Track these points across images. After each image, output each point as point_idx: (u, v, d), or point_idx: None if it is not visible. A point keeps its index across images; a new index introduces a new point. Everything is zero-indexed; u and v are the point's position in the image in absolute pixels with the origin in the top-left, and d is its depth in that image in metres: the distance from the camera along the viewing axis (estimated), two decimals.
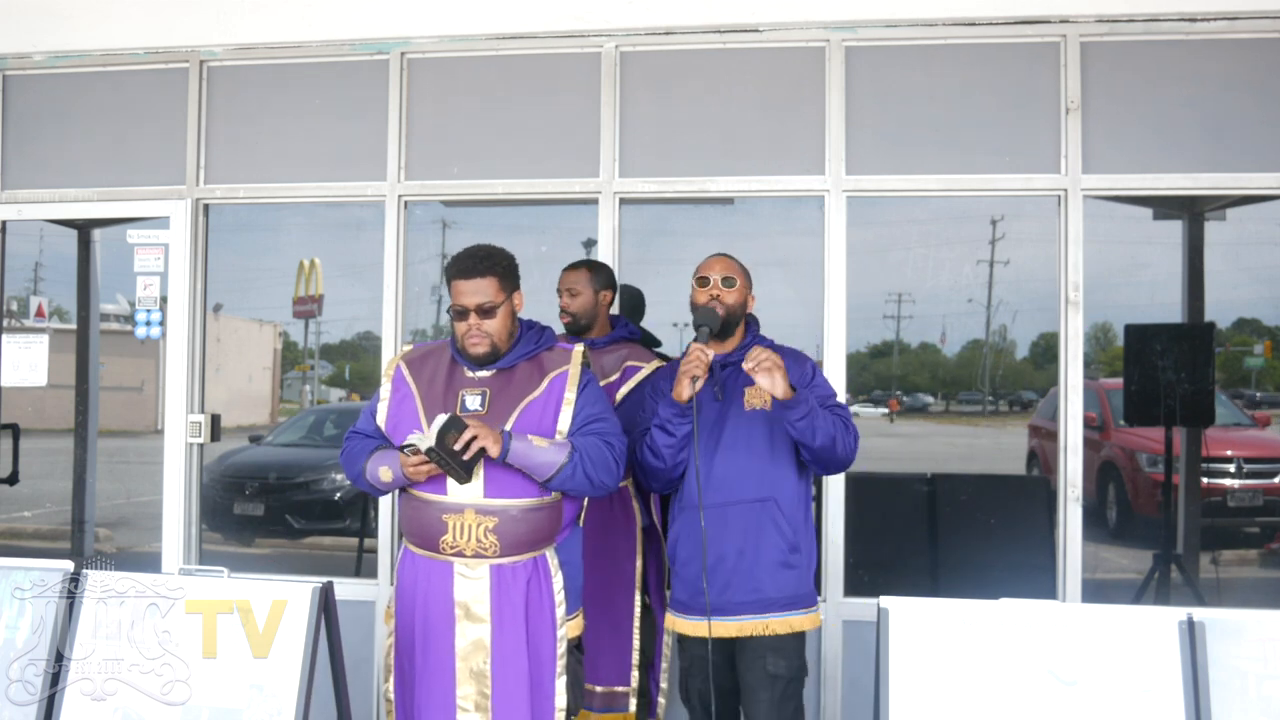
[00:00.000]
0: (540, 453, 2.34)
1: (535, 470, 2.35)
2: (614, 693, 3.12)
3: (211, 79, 3.93)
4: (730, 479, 2.60)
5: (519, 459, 2.32)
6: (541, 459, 2.34)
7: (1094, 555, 6.32)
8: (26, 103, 4.04)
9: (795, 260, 2.69)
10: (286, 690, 2.09)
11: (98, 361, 4.88)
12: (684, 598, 2.67)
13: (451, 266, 2.45)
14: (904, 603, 1.99)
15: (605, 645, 3.11)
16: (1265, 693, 1.87)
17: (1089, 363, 5.96)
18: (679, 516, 2.68)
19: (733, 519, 2.58)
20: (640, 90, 3.70)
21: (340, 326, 8.10)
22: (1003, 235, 5.82)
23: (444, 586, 2.39)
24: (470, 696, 2.37)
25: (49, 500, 6.56)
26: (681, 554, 2.67)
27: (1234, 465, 6.71)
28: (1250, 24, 3.46)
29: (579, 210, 3.90)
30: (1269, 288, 5.18)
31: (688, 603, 2.65)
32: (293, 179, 3.88)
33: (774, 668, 2.56)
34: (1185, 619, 1.90)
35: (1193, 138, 3.49)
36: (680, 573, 2.68)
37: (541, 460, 2.34)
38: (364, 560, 5.87)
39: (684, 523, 2.66)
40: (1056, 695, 1.89)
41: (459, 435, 2.25)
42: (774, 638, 2.57)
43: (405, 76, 3.80)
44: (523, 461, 2.33)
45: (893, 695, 1.93)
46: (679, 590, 2.69)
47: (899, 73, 3.60)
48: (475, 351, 2.43)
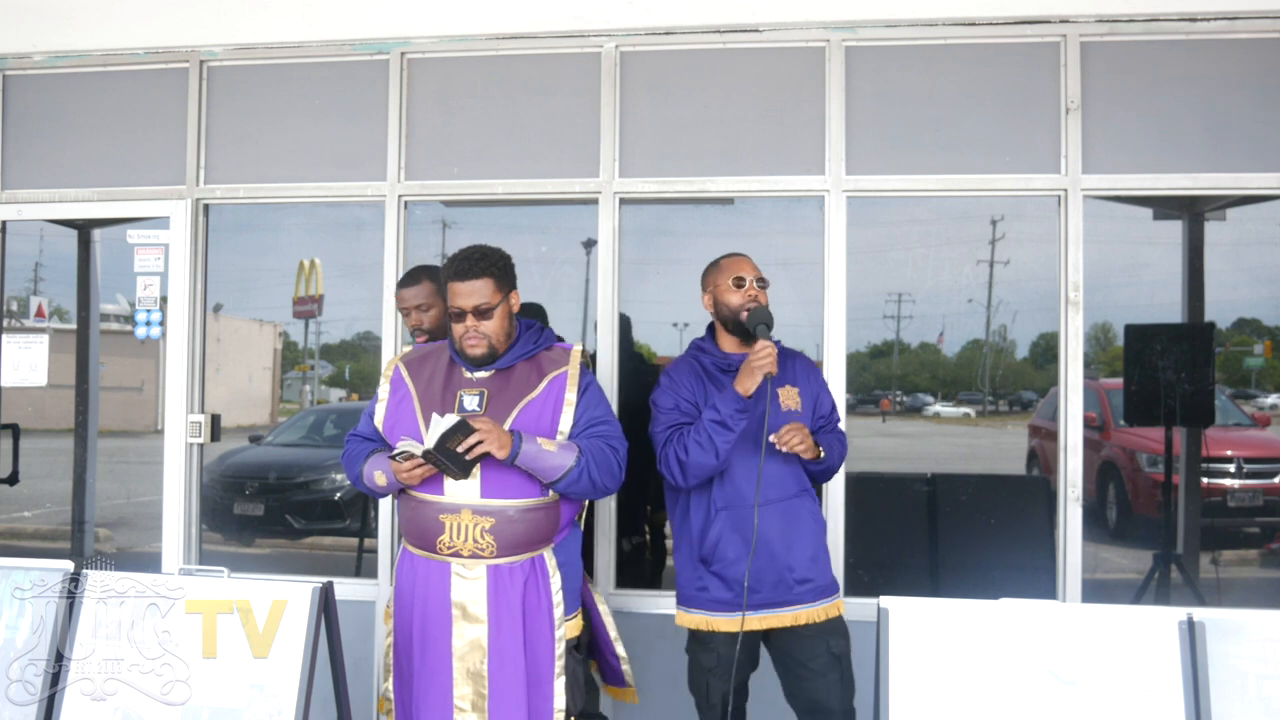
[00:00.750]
0: (549, 456, 2.34)
1: (542, 473, 2.35)
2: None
3: (211, 79, 3.93)
4: (773, 476, 2.63)
5: (527, 461, 2.32)
6: (550, 462, 2.34)
7: (1094, 555, 6.32)
8: (26, 103, 4.04)
9: (795, 260, 2.70)
10: (286, 690, 2.08)
11: (98, 361, 4.88)
12: (727, 596, 2.63)
13: (447, 268, 2.45)
14: (904, 603, 1.99)
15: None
16: (1265, 693, 1.87)
17: (1089, 363, 5.95)
18: (718, 516, 2.64)
19: (779, 515, 2.62)
20: (640, 90, 3.70)
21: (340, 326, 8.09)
22: (1003, 235, 5.81)
23: (442, 587, 2.39)
24: (468, 697, 2.36)
25: (49, 500, 6.55)
26: (728, 553, 2.63)
27: (1234, 465, 6.71)
28: (1250, 24, 3.46)
29: (579, 210, 3.90)
30: (1269, 288, 5.18)
31: (732, 601, 2.62)
32: (293, 179, 3.88)
33: (837, 648, 2.67)
34: (1185, 619, 1.90)
35: (1193, 138, 3.49)
36: (723, 572, 2.63)
37: (549, 464, 2.34)
38: (364, 560, 5.86)
39: (727, 522, 2.63)
40: (1056, 695, 1.89)
41: (464, 439, 2.25)
42: (829, 621, 2.67)
43: (405, 76, 3.80)
44: (531, 465, 2.33)
45: (893, 695, 1.93)
46: (718, 589, 2.64)
47: (899, 73, 3.60)
48: (473, 353, 2.43)
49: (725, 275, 2.71)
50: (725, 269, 2.73)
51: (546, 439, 2.36)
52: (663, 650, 3.48)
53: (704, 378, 2.72)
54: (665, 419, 2.66)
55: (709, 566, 2.65)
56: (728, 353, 2.74)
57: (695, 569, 2.69)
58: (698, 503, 2.69)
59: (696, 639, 2.74)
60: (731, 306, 2.68)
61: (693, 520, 2.70)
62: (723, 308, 2.71)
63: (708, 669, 2.69)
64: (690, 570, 2.70)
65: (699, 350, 2.79)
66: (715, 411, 2.54)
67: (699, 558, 2.67)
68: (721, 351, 2.75)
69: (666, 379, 2.75)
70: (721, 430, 2.53)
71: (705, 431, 2.54)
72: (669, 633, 3.51)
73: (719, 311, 2.74)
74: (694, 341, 2.84)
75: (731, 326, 2.72)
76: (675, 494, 2.75)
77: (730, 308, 2.69)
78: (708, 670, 2.69)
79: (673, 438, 2.61)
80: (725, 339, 2.77)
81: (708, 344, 2.79)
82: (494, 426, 2.30)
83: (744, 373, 2.54)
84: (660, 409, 2.70)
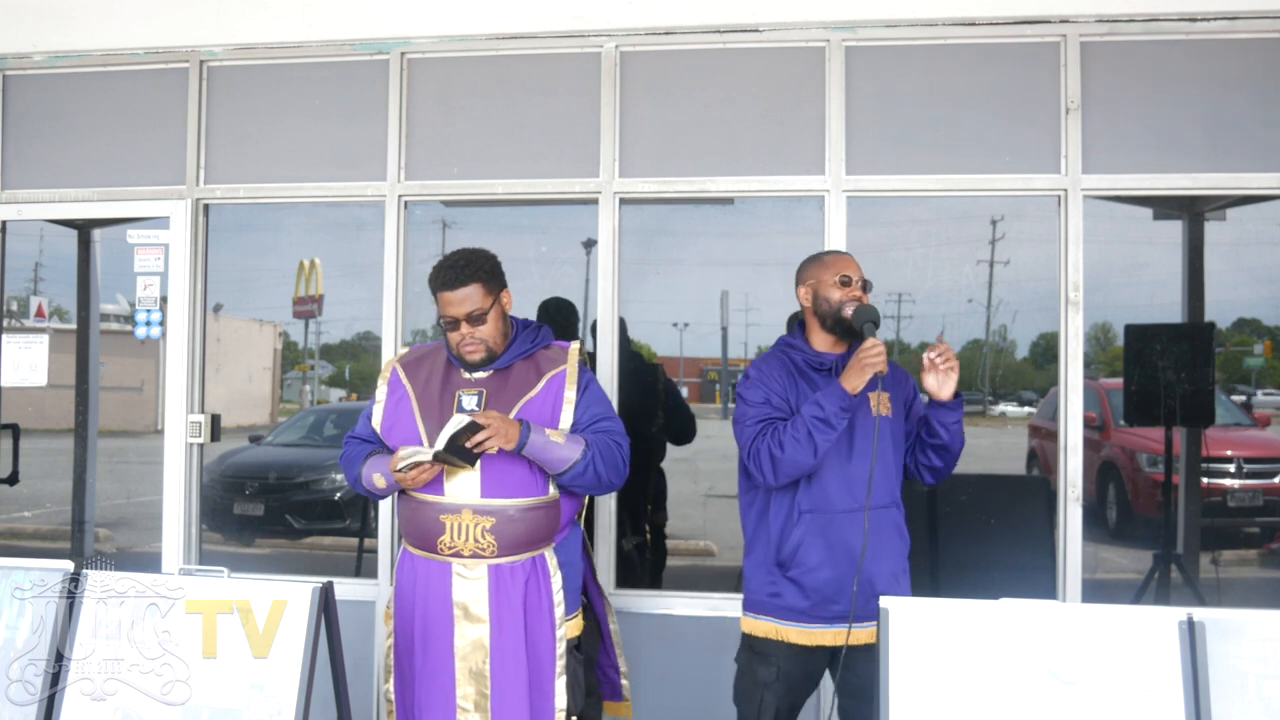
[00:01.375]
0: (556, 448, 2.34)
1: (549, 465, 2.35)
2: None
3: (211, 79, 3.93)
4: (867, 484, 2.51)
5: (535, 452, 2.33)
6: (557, 454, 2.34)
7: (1094, 555, 6.32)
8: (26, 103, 4.04)
9: (795, 260, 2.67)
10: (286, 690, 2.08)
11: (98, 361, 4.88)
12: (803, 605, 2.51)
13: (434, 280, 2.43)
14: (904, 603, 1.99)
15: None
16: (1265, 693, 1.86)
17: (1089, 363, 5.95)
18: (801, 520, 2.51)
19: (867, 524, 2.46)
20: (640, 90, 3.70)
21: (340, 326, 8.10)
22: (1003, 235, 5.82)
23: (443, 587, 2.39)
24: (470, 697, 2.37)
25: (49, 500, 6.56)
26: (809, 559, 2.50)
27: (1234, 465, 6.71)
28: (1250, 24, 3.46)
29: (579, 210, 3.90)
30: (1269, 288, 5.18)
31: (809, 611, 2.50)
32: (293, 179, 3.88)
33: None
34: (1185, 619, 1.90)
35: (1193, 138, 3.49)
36: (801, 579, 2.50)
37: (556, 455, 2.34)
38: (364, 560, 5.87)
39: (811, 526, 2.50)
40: (1056, 695, 1.89)
41: (472, 435, 2.25)
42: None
43: (405, 76, 3.80)
44: (538, 455, 2.33)
45: (892, 695, 1.92)
46: (794, 596, 2.52)
47: (899, 73, 3.60)
48: (472, 359, 2.43)
49: (830, 271, 2.59)
50: (830, 265, 2.61)
51: (555, 430, 2.36)
52: (660, 651, 3.48)
53: (795, 375, 2.59)
54: (755, 413, 2.53)
55: (785, 571, 2.52)
56: (820, 351, 2.61)
57: (770, 573, 2.56)
58: (779, 504, 2.56)
59: (754, 650, 2.59)
60: (833, 303, 2.56)
61: (771, 522, 2.56)
62: (822, 303, 2.58)
63: (764, 683, 2.54)
64: (763, 574, 2.57)
65: (789, 346, 2.66)
66: (818, 408, 2.42)
67: (775, 561, 2.54)
68: (813, 349, 2.62)
69: (756, 371, 2.61)
70: (823, 428, 2.40)
71: (804, 427, 2.41)
72: (669, 634, 3.52)
73: (817, 307, 2.60)
74: (782, 338, 2.72)
75: (830, 324, 2.58)
76: (752, 494, 2.63)
77: (831, 304, 2.56)
78: (764, 684, 2.54)
79: (765, 432, 2.48)
80: (818, 336, 2.63)
81: (799, 341, 2.65)
82: (501, 420, 2.30)
83: (852, 369, 2.42)
84: (749, 403, 2.56)
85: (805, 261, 2.70)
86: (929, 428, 2.58)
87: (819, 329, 2.62)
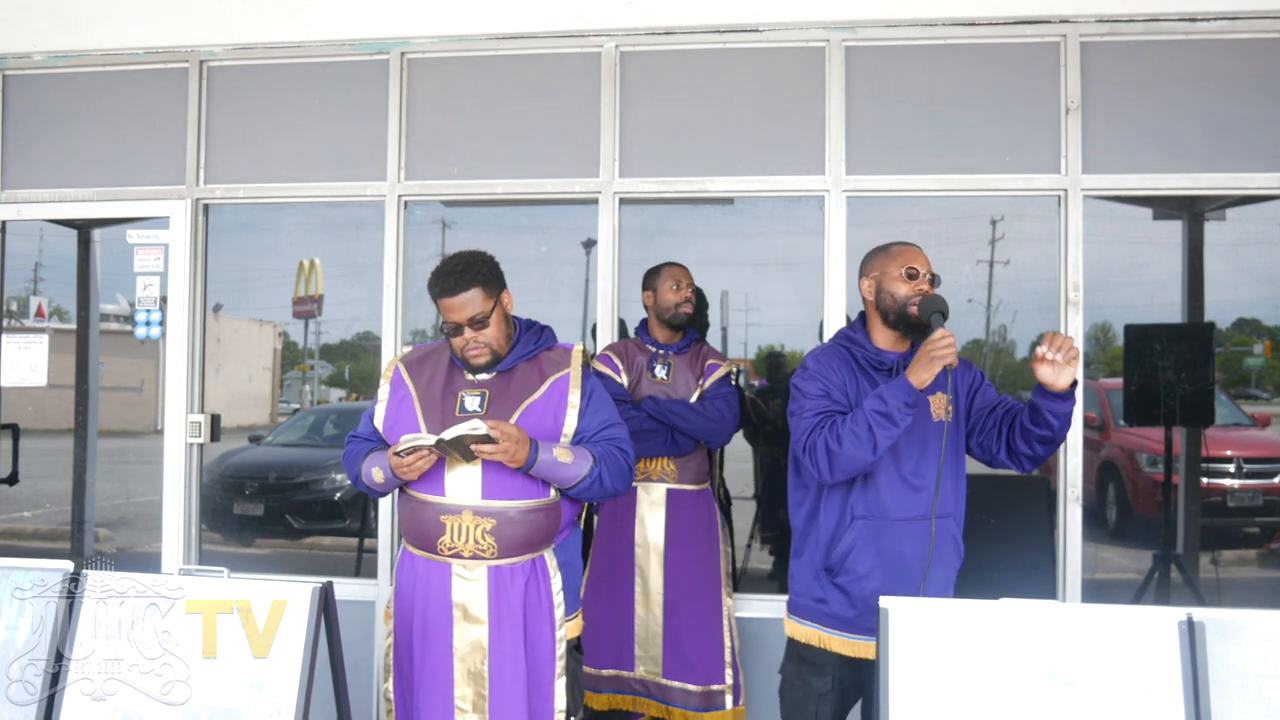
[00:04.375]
0: (564, 469, 2.33)
1: (555, 482, 2.36)
2: (710, 691, 3.15)
3: (211, 79, 3.93)
4: (927, 492, 2.42)
5: (542, 473, 2.32)
6: (564, 474, 2.33)
7: (1094, 555, 6.31)
8: (26, 103, 4.04)
9: (795, 260, 2.67)
10: (286, 690, 2.08)
11: (98, 361, 4.88)
12: (849, 614, 2.41)
13: (433, 286, 2.41)
14: (904, 603, 1.99)
15: (701, 641, 3.12)
16: (1265, 693, 1.86)
17: (1089, 363, 5.95)
18: (854, 525, 2.41)
19: (923, 534, 2.38)
20: (640, 90, 3.70)
21: (340, 326, 8.07)
22: (1003, 235, 5.81)
23: (442, 588, 2.39)
24: (469, 697, 2.37)
25: (49, 500, 6.55)
26: (858, 566, 2.40)
27: (1234, 465, 6.71)
28: (1250, 24, 3.46)
29: (579, 210, 3.90)
30: (1269, 288, 5.17)
31: (854, 621, 2.41)
32: (293, 179, 3.88)
33: None
34: (1185, 619, 1.90)
35: (1193, 138, 3.49)
36: (849, 586, 2.41)
37: (564, 475, 2.34)
38: (364, 560, 5.86)
39: (863, 532, 2.40)
40: (1056, 695, 1.89)
41: (480, 443, 2.24)
42: None
43: (405, 76, 3.80)
44: (545, 475, 2.33)
45: (892, 695, 1.92)
46: (840, 605, 2.42)
47: (899, 73, 3.60)
48: (477, 363, 2.43)
49: (896, 264, 2.43)
50: (896, 256, 2.44)
51: (562, 449, 2.35)
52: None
53: (856, 371, 2.46)
54: (813, 405, 2.40)
55: (833, 577, 2.43)
56: (881, 348, 2.47)
57: (817, 578, 2.46)
58: (830, 506, 2.45)
59: (805, 659, 2.50)
60: (898, 297, 2.41)
61: (821, 525, 2.46)
62: (886, 297, 2.43)
63: (819, 694, 2.46)
64: (809, 578, 2.48)
65: (849, 341, 2.51)
66: (880, 402, 2.27)
67: (823, 566, 2.45)
68: (874, 346, 2.48)
69: (814, 362, 2.48)
70: (885, 423, 2.26)
71: (865, 422, 2.27)
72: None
73: (880, 301, 2.45)
74: (842, 331, 2.58)
75: (893, 319, 2.43)
76: (802, 492, 2.52)
77: (896, 298, 2.41)
78: (819, 695, 2.46)
79: (822, 424, 2.35)
80: (880, 332, 2.49)
81: (859, 335, 2.51)
82: (514, 441, 2.25)
83: (920, 362, 2.27)
84: (806, 395, 2.42)
85: (870, 253, 2.54)
86: (1037, 417, 2.35)
87: (881, 324, 2.48)
